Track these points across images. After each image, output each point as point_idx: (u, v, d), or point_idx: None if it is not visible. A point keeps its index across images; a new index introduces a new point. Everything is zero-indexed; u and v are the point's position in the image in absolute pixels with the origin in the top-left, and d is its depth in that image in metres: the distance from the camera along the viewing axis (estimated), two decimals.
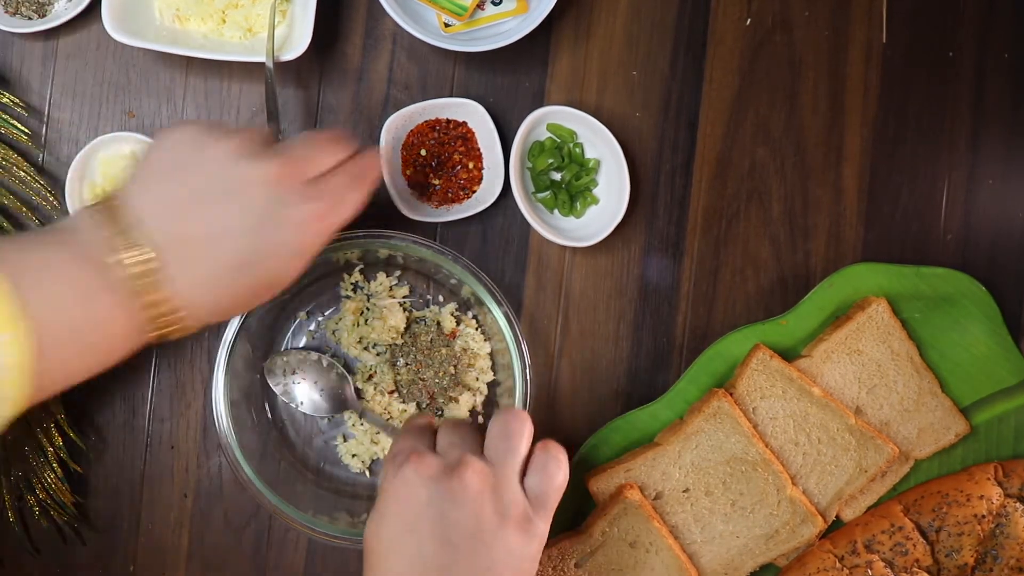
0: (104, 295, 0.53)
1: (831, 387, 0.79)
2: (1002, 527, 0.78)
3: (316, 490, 0.79)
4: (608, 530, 0.77)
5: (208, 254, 0.55)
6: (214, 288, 0.56)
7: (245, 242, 0.56)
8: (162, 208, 0.55)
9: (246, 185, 0.56)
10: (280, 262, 0.58)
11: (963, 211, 0.85)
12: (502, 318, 0.76)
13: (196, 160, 0.56)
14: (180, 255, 0.55)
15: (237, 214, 0.56)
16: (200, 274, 0.55)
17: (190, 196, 0.56)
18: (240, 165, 0.56)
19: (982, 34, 0.85)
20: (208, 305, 0.57)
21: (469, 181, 0.80)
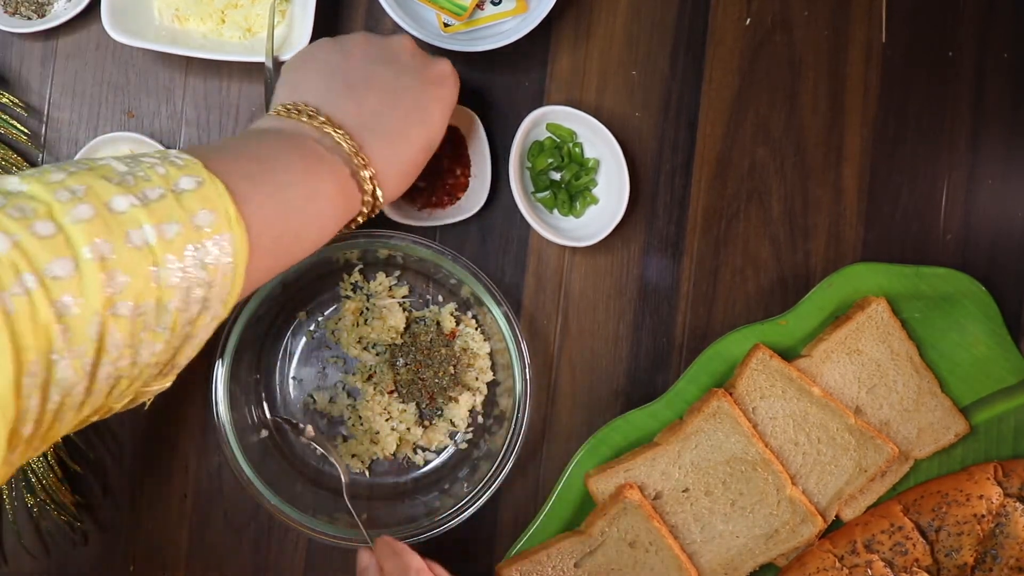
0: (326, 177, 0.60)
1: (831, 387, 0.79)
2: (1002, 527, 0.78)
3: (316, 490, 0.79)
4: (608, 530, 0.77)
5: (389, 118, 0.64)
6: (397, 151, 0.64)
7: (410, 96, 0.65)
8: (337, 96, 0.64)
9: (395, 54, 0.67)
10: (433, 109, 0.67)
11: (963, 211, 0.85)
12: (502, 318, 0.76)
13: (341, 56, 0.66)
14: (367, 128, 0.63)
15: (394, 78, 0.65)
16: (385, 143, 0.64)
17: (355, 81, 0.65)
18: (379, 43, 0.67)
19: (982, 34, 0.85)
20: (396, 168, 0.65)
21: (455, 187, 0.79)
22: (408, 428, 0.80)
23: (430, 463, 0.82)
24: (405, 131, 0.65)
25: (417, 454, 0.82)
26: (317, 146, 0.61)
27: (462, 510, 0.76)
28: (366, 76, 0.65)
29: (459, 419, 0.80)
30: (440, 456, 0.82)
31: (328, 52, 0.66)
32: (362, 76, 0.65)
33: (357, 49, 0.66)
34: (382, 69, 0.66)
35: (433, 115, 0.66)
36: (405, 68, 0.66)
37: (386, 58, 0.66)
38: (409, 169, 0.66)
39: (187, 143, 0.81)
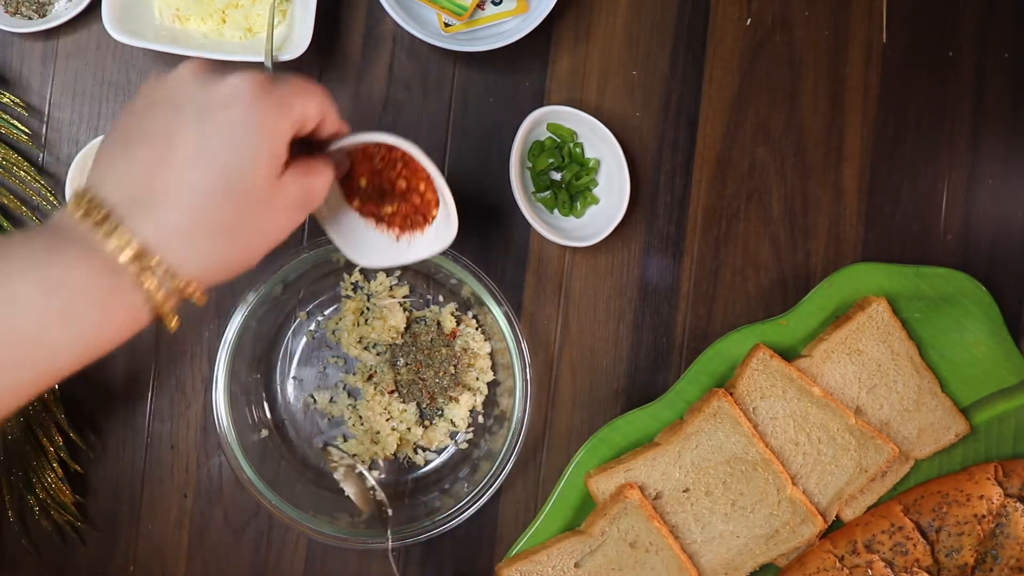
0: (72, 265, 0.47)
1: (831, 387, 0.79)
2: (1002, 527, 0.78)
3: (316, 490, 0.79)
4: (608, 530, 0.77)
5: (163, 169, 0.49)
6: (183, 198, 0.48)
7: (192, 131, 0.49)
8: (111, 165, 0.51)
9: (171, 90, 0.51)
10: (240, 141, 0.50)
11: (963, 211, 0.85)
12: (502, 318, 0.76)
13: (126, 113, 0.53)
14: (136, 192, 0.49)
15: (174, 115, 0.50)
16: (162, 192, 0.48)
17: (128, 137, 0.51)
18: (160, 83, 0.52)
19: (982, 34, 0.85)
20: (188, 233, 0.49)
21: (424, 206, 0.65)
22: (408, 428, 0.80)
23: (430, 463, 0.82)
24: (188, 181, 0.49)
25: (417, 454, 0.82)
26: (71, 233, 0.48)
27: (462, 510, 0.76)
28: (142, 126, 0.51)
29: (459, 419, 0.80)
30: (440, 456, 0.82)
31: (121, 112, 0.55)
32: (138, 128, 0.51)
33: (140, 95, 0.52)
34: (159, 113, 0.50)
35: (218, 148, 0.49)
36: (183, 100, 0.50)
37: (164, 96, 0.51)
38: (212, 227, 0.49)
39: None
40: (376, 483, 0.76)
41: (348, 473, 0.77)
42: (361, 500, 0.76)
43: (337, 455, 0.77)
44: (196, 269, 0.50)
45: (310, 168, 0.54)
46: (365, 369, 0.80)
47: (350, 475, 0.77)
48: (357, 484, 0.77)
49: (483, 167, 0.82)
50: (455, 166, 0.82)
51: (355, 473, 0.76)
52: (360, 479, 0.77)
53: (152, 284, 0.48)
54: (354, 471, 0.76)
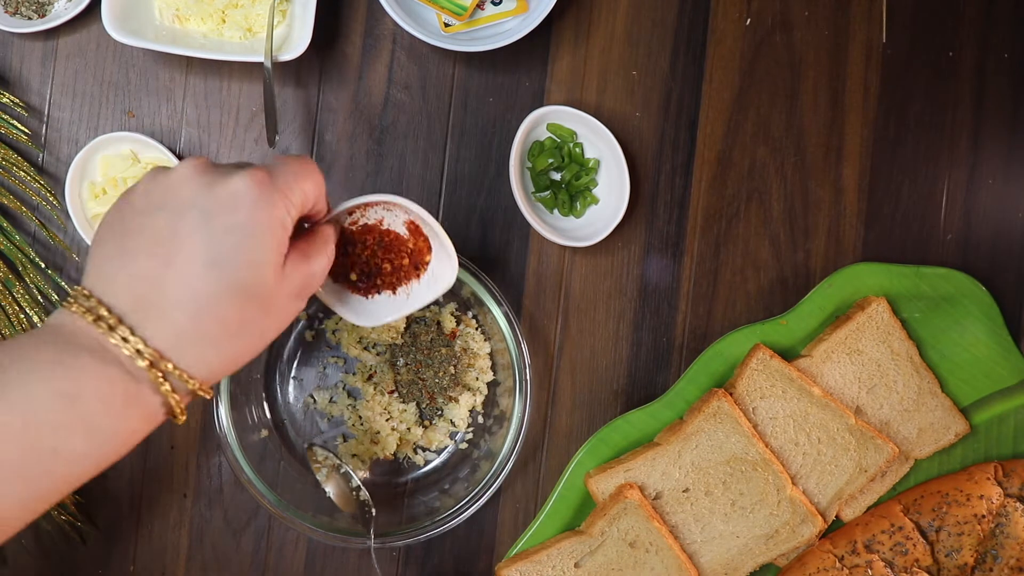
0: (89, 374, 0.47)
1: (831, 387, 0.79)
2: (1002, 527, 0.78)
3: (316, 490, 0.79)
4: (608, 530, 0.77)
5: (168, 277, 0.49)
6: (190, 306, 0.48)
7: (198, 238, 0.49)
8: (111, 267, 0.50)
9: (171, 191, 0.50)
10: (247, 245, 0.49)
11: (963, 211, 0.85)
12: (502, 318, 0.76)
13: (122, 212, 0.51)
14: (142, 298, 0.49)
15: (176, 220, 0.49)
16: (169, 301, 0.48)
17: (126, 241, 0.50)
18: (158, 181, 0.51)
19: (982, 34, 0.85)
20: (193, 332, 0.49)
21: (417, 255, 0.63)
22: (408, 428, 0.80)
23: (430, 463, 0.82)
24: (197, 288, 0.48)
25: (417, 454, 0.82)
26: (81, 339, 0.48)
27: (462, 510, 0.76)
28: (144, 228, 0.49)
29: (459, 419, 0.80)
30: (440, 456, 0.82)
31: (116, 204, 0.52)
32: (137, 230, 0.49)
33: (138, 193, 0.51)
34: (161, 216, 0.49)
35: (225, 253, 0.48)
36: (185, 204, 0.49)
37: (164, 198, 0.50)
38: (222, 330, 0.49)
39: (187, 143, 0.81)
40: (361, 483, 0.76)
41: (331, 473, 0.77)
42: (343, 500, 0.76)
43: (322, 455, 0.77)
44: (207, 370, 0.50)
45: (308, 253, 0.54)
46: (365, 369, 0.80)
47: (333, 475, 0.77)
48: (340, 484, 0.77)
49: (483, 167, 0.82)
50: (455, 166, 0.82)
51: (340, 473, 0.77)
52: (344, 479, 0.77)
53: (168, 388, 0.49)
54: (339, 471, 0.76)
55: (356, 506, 0.76)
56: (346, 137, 0.82)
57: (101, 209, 0.78)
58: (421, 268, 0.64)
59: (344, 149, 0.82)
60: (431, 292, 0.64)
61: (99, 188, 0.79)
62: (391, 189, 0.82)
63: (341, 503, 0.76)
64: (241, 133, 0.81)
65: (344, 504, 0.76)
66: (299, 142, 0.81)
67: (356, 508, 0.76)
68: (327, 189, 0.56)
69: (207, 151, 0.81)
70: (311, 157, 0.59)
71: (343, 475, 0.77)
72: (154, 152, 0.79)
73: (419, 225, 0.62)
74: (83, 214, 0.78)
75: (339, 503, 0.76)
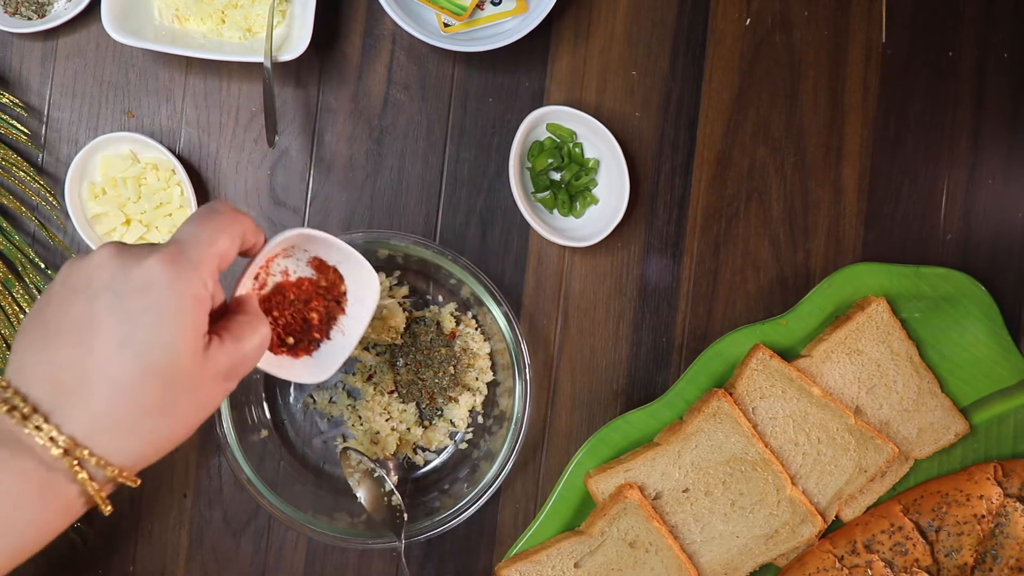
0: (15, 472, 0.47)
1: (831, 387, 0.79)
2: (1002, 527, 0.78)
3: (316, 490, 0.79)
4: (608, 530, 0.77)
5: (86, 363, 0.48)
6: (108, 392, 0.48)
7: (113, 322, 0.48)
8: (30, 358, 0.49)
9: (86, 277, 0.49)
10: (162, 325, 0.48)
11: (963, 211, 0.85)
12: (502, 318, 0.76)
13: (43, 301, 0.51)
14: (61, 387, 0.48)
15: (91, 305, 0.48)
16: (88, 388, 0.48)
17: (46, 330, 0.49)
18: (74, 270, 0.50)
19: (982, 34, 0.85)
20: (111, 418, 0.48)
21: (332, 287, 0.62)
22: (408, 428, 0.80)
23: (430, 463, 0.82)
24: (110, 372, 0.47)
25: (417, 454, 0.82)
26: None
27: (462, 510, 0.76)
28: (60, 315, 0.49)
29: (459, 419, 0.80)
30: (440, 456, 0.82)
31: (40, 297, 0.52)
32: (55, 316, 0.49)
33: (57, 283, 0.50)
34: (78, 301, 0.49)
35: (138, 336, 0.48)
36: (100, 288, 0.49)
37: (80, 283, 0.49)
38: (139, 414, 0.48)
39: (187, 143, 0.81)
40: (394, 487, 0.76)
41: (363, 478, 0.77)
42: (374, 505, 0.76)
43: (355, 459, 0.77)
44: (127, 456, 0.49)
45: (238, 333, 0.53)
46: (365, 369, 0.80)
47: (365, 480, 0.77)
48: (372, 489, 0.77)
49: (483, 167, 0.82)
50: (455, 166, 0.82)
51: (374, 477, 0.76)
52: (378, 483, 0.76)
53: (84, 476, 0.47)
54: (372, 475, 0.76)
55: (386, 511, 0.76)
56: (346, 137, 0.82)
57: (101, 209, 0.78)
58: (342, 300, 0.62)
59: (344, 149, 0.82)
60: (364, 315, 0.62)
61: (99, 188, 0.79)
62: (390, 189, 0.82)
63: (371, 507, 0.76)
64: (241, 133, 0.81)
65: (374, 508, 0.76)
66: (299, 142, 0.81)
67: (386, 513, 0.76)
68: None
69: (207, 151, 0.81)
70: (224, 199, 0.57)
71: (376, 479, 0.76)
72: (154, 152, 0.79)
73: (321, 259, 0.60)
74: (83, 214, 0.78)
75: (369, 507, 0.76)
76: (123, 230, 0.79)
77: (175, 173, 0.78)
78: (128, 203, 0.79)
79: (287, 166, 0.82)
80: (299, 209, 0.81)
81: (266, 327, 0.55)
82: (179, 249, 0.50)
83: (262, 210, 0.81)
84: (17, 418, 0.47)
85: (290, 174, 0.82)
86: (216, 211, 0.53)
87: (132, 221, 0.79)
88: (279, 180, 0.81)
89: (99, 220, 0.78)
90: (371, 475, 0.76)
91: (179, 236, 0.51)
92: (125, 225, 0.79)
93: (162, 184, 0.79)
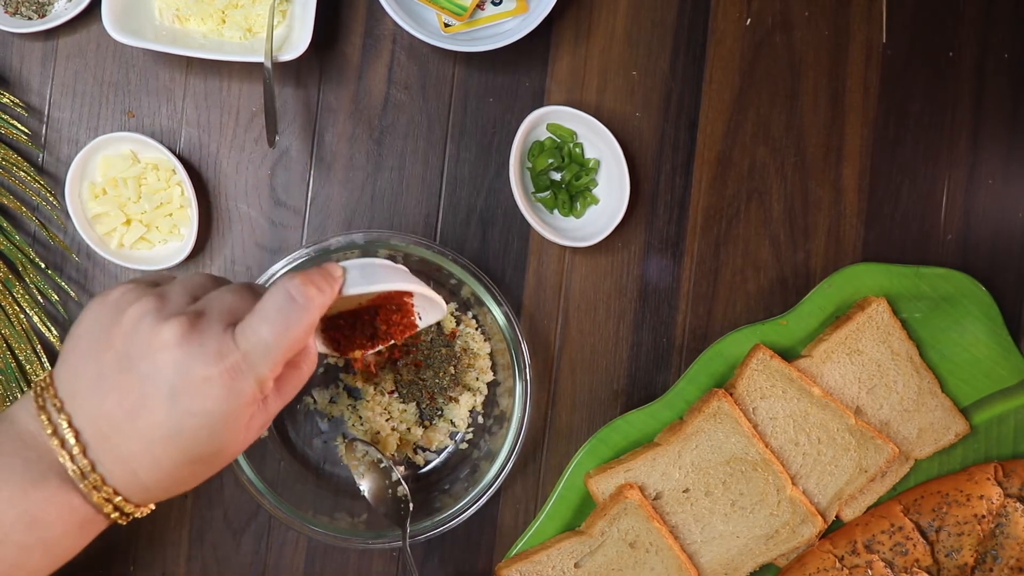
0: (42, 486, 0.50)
1: (831, 387, 0.79)
2: (1002, 527, 0.78)
3: (316, 490, 0.79)
4: (608, 530, 0.77)
5: (130, 431, 0.50)
6: (148, 464, 0.50)
7: (163, 413, 0.49)
8: (83, 388, 0.51)
9: (150, 352, 0.50)
10: (210, 428, 0.50)
11: (963, 211, 0.85)
12: (502, 318, 0.76)
13: (109, 329, 0.51)
14: (104, 436, 0.50)
15: (147, 385, 0.49)
16: (128, 451, 0.50)
17: (103, 370, 0.51)
18: (143, 330, 0.50)
19: (982, 34, 0.85)
20: (146, 482, 0.51)
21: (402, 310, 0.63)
22: (408, 428, 0.80)
23: (430, 463, 0.82)
24: (155, 455, 0.50)
25: (417, 454, 0.82)
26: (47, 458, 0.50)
27: (462, 510, 0.76)
28: (116, 372, 0.50)
29: (459, 419, 0.80)
30: (440, 456, 0.82)
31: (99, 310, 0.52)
32: (112, 369, 0.50)
33: (124, 327, 0.51)
34: (134, 374, 0.50)
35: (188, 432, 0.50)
36: (159, 374, 0.50)
37: (143, 354, 0.50)
38: (174, 485, 0.52)
39: (187, 143, 0.81)
40: (401, 478, 0.76)
41: (369, 469, 0.77)
42: (378, 497, 0.76)
43: (361, 450, 0.77)
44: (152, 501, 0.54)
45: (284, 383, 0.55)
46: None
47: (371, 471, 0.77)
48: (377, 480, 0.77)
49: (483, 167, 0.82)
50: (455, 166, 0.82)
51: (380, 468, 0.76)
52: (384, 474, 0.76)
53: (117, 516, 0.52)
54: (379, 466, 0.76)
55: (390, 503, 0.76)
56: (346, 137, 0.82)
57: (101, 209, 0.78)
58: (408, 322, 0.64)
59: (344, 149, 0.82)
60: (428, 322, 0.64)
61: (99, 188, 0.78)
62: (390, 189, 0.82)
63: (376, 500, 0.76)
64: (241, 133, 0.81)
65: (378, 501, 0.76)
66: (299, 142, 0.81)
67: (390, 505, 0.76)
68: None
69: (207, 151, 0.81)
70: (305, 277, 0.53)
71: (383, 470, 0.76)
72: (154, 152, 0.79)
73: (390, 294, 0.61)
74: (83, 214, 0.78)
75: (373, 500, 0.76)
76: (123, 230, 0.79)
77: (175, 173, 0.78)
78: (128, 203, 0.79)
79: (287, 166, 0.82)
80: (299, 209, 0.82)
81: (312, 361, 0.56)
82: (245, 361, 0.50)
83: (262, 210, 0.81)
84: (65, 457, 0.50)
85: (290, 174, 0.82)
86: (293, 302, 0.52)
87: (132, 221, 0.79)
88: (279, 180, 0.82)
89: (99, 220, 0.79)
90: (377, 466, 0.76)
91: (250, 339, 0.50)
92: (125, 225, 0.79)
93: (162, 184, 0.79)
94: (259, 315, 0.51)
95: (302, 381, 0.56)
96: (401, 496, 0.76)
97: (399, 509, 0.76)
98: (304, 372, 0.56)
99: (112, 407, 0.50)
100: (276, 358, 0.51)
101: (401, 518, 0.76)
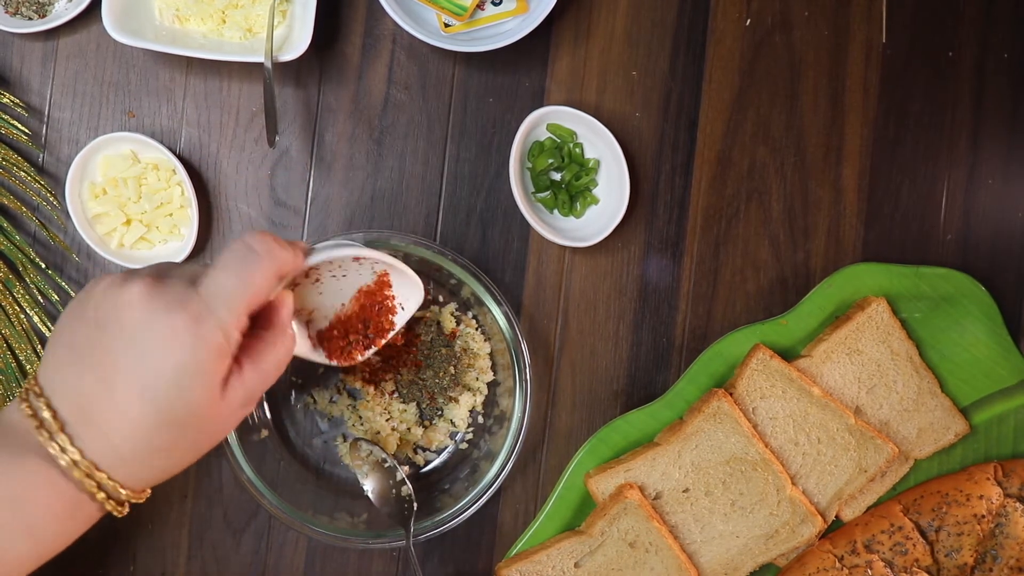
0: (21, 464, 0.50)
1: (831, 387, 0.79)
2: (1002, 527, 0.78)
3: (316, 490, 0.79)
4: (608, 530, 0.77)
5: (106, 400, 0.50)
6: (125, 430, 0.50)
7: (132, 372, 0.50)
8: (62, 371, 0.51)
9: (117, 312, 0.50)
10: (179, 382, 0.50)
11: (963, 211, 0.85)
12: (502, 318, 0.76)
13: (83, 307, 0.52)
14: (81, 410, 0.50)
15: (116, 345, 0.50)
16: (105, 421, 0.50)
17: (78, 350, 0.51)
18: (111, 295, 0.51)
19: (982, 34, 0.85)
20: (123, 451, 0.51)
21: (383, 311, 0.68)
22: (408, 428, 0.80)
23: (430, 463, 0.82)
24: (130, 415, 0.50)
25: (417, 454, 0.82)
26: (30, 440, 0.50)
27: (462, 510, 0.76)
28: (90, 344, 0.51)
29: (459, 419, 0.80)
30: (440, 456, 0.82)
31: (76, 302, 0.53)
32: (86, 344, 0.51)
33: (91, 304, 0.52)
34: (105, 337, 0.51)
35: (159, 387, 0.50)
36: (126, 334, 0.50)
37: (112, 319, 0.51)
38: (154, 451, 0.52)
39: (187, 143, 0.81)
40: (406, 477, 0.76)
41: (373, 469, 0.77)
42: (382, 497, 0.76)
43: (366, 450, 0.77)
44: (140, 482, 0.53)
45: (260, 355, 0.54)
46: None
47: (375, 471, 0.77)
48: (382, 480, 0.77)
49: (483, 167, 0.82)
50: (455, 166, 0.82)
51: (384, 467, 0.76)
52: (388, 474, 0.76)
53: (103, 496, 0.52)
54: (383, 465, 0.76)
55: (394, 503, 0.76)
56: (346, 137, 0.82)
57: (101, 209, 0.78)
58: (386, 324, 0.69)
59: (344, 149, 0.82)
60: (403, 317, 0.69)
61: (99, 188, 0.79)
62: (390, 189, 0.82)
63: (379, 500, 0.76)
64: (241, 133, 0.81)
65: (381, 501, 0.76)
66: (299, 142, 0.82)
67: (394, 505, 0.76)
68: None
69: (207, 151, 0.81)
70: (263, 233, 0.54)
71: (387, 470, 0.77)
72: (154, 152, 0.79)
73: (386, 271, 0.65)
74: (83, 214, 0.78)
75: (377, 500, 0.76)
76: (123, 230, 0.79)
77: (175, 173, 0.79)
78: (129, 203, 0.79)
79: (287, 166, 0.82)
80: (299, 209, 0.82)
81: (289, 340, 0.56)
82: (206, 307, 0.51)
83: (262, 210, 0.81)
84: (44, 436, 0.50)
85: (290, 174, 0.82)
86: (252, 252, 0.53)
87: (132, 221, 0.79)
88: (279, 180, 0.82)
89: (100, 220, 0.79)
90: (381, 466, 0.77)
91: (209, 287, 0.51)
92: (126, 225, 0.79)
93: (162, 184, 0.79)
94: (219, 265, 0.52)
95: (279, 360, 0.55)
96: (405, 496, 0.76)
97: (403, 509, 0.76)
98: (280, 350, 0.55)
99: (89, 383, 0.50)
100: (237, 305, 0.51)
101: (405, 518, 0.76)
